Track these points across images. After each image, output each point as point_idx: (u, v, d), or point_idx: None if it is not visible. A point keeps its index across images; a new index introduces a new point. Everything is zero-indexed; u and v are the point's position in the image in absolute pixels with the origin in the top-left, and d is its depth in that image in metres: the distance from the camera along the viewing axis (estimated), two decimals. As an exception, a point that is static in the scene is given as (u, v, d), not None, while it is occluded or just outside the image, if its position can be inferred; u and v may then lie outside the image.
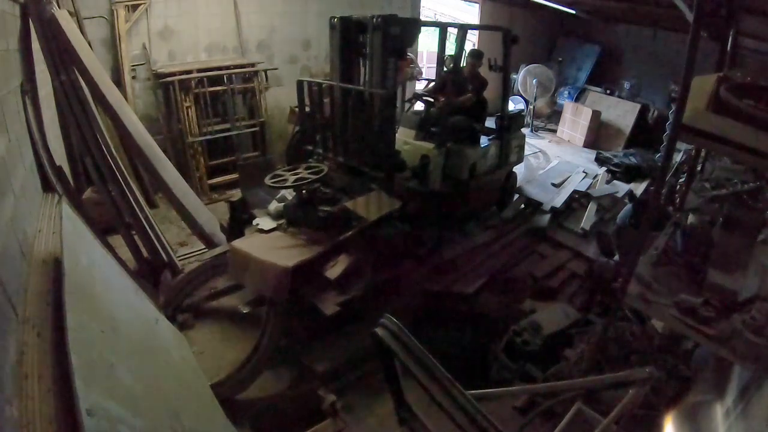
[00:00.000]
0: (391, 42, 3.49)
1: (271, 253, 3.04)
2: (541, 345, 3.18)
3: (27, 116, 2.58)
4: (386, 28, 3.45)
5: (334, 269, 3.09)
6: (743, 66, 4.68)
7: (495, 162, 4.87)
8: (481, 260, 4.39)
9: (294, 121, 6.09)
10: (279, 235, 3.31)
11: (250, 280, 3.08)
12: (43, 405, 1.26)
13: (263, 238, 3.30)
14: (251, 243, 3.22)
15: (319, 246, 3.15)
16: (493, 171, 4.90)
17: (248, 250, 3.09)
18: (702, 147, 3.53)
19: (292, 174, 3.37)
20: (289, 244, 3.20)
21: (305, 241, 3.20)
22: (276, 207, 3.52)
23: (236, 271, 3.17)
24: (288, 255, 3.01)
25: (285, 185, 3.30)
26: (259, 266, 2.98)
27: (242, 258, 3.08)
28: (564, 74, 9.85)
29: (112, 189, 3.63)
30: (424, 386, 1.74)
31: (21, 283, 1.66)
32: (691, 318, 2.29)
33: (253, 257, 3.02)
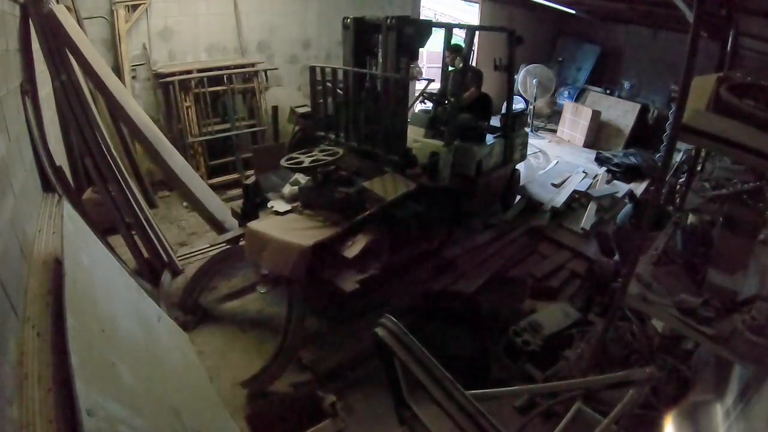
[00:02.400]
0: (405, 42, 3.62)
1: (288, 234, 3.10)
2: (541, 345, 3.18)
3: (27, 116, 2.58)
4: (400, 29, 3.58)
5: (351, 248, 3.14)
6: (743, 66, 4.68)
7: (500, 159, 4.98)
8: (481, 260, 4.40)
9: (294, 120, 6.09)
10: (294, 216, 3.38)
11: (268, 260, 3.11)
12: (43, 405, 1.26)
13: (279, 220, 3.35)
14: (267, 224, 3.27)
15: (336, 226, 3.20)
16: (498, 168, 5.01)
17: (265, 230, 3.13)
18: (702, 147, 3.53)
19: (308, 156, 3.47)
20: (305, 225, 3.26)
21: (321, 222, 3.27)
22: (290, 190, 3.59)
23: (253, 252, 3.20)
24: (305, 235, 3.08)
25: (301, 167, 3.40)
26: (277, 246, 3.03)
27: (259, 239, 3.12)
28: (564, 74, 9.86)
29: (112, 189, 3.63)
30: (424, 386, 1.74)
31: (21, 283, 1.66)
32: (691, 318, 2.29)
33: (270, 237, 3.07)
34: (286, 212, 3.42)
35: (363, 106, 3.88)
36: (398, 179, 3.72)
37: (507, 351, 3.30)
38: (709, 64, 3.65)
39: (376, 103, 3.81)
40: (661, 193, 3.00)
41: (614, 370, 2.63)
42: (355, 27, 3.85)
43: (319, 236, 3.06)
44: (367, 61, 4.07)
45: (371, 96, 3.85)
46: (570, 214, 5.45)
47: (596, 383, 2.32)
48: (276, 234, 3.09)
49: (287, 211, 3.42)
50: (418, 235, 3.68)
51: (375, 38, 3.97)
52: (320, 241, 3.02)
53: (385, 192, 3.52)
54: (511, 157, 5.19)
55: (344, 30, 3.95)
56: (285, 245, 2.99)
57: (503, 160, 5.04)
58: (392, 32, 3.63)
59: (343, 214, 3.28)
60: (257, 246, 3.13)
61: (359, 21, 3.87)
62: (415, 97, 5.64)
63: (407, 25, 3.61)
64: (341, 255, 3.11)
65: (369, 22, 3.89)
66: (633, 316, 3.24)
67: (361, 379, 3.09)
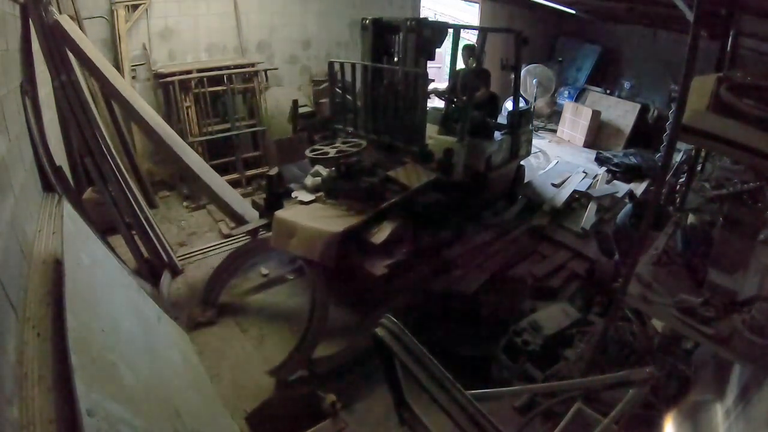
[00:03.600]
0: (423, 43, 3.82)
1: (316, 221, 3.25)
2: (541, 345, 3.18)
3: (27, 116, 2.58)
4: (419, 31, 3.80)
5: (378, 235, 3.29)
6: (743, 66, 4.68)
7: (507, 155, 5.16)
8: (481, 260, 4.39)
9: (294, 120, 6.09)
10: (318, 206, 3.54)
11: (297, 247, 3.24)
12: (43, 405, 1.26)
13: (305, 209, 3.52)
14: (295, 213, 3.43)
15: (361, 214, 3.36)
16: (506, 164, 5.19)
17: (293, 219, 3.29)
18: (702, 147, 3.53)
19: (332, 148, 3.70)
20: (331, 213, 3.42)
21: (345, 210, 3.42)
22: (313, 181, 3.77)
23: (281, 239, 3.33)
24: (334, 222, 3.23)
25: (327, 157, 3.60)
26: (307, 233, 3.18)
27: (287, 227, 3.27)
28: (564, 74, 9.85)
29: (112, 189, 3.63)
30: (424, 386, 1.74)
31: (21, 283, 1.66)
32: (691, 318, 2.29)
33: (299, 225, 3.22)
34: (310, 202, 3.58)
35: (383, 100, 4.12)
36: (419, 169, 3.91)
37: (507, 351, 3.30)
38: (709, 64, 3.64)
39: (396, 98, 4.03)
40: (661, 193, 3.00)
41: (614, 370, 2.63)
42: (373, 27, 4.10)
43: (347, 223, 3.21)
44: (384, 59, 4.27)
45: (391, 91, 4.07)
46: (570, 214, 5.44)
47: (596, 383, 2.32)
48: (304, 222, 3.25)
49: (311, 201, 3.58)
50: (436, 224, 3.88)
51: (391, 38, 4.22)
52: (349, 228, 3.17)
53: (409, 180, 3.72)
54: (517, 152, 5.37)
55: (362, 30, 4.19)
56: (314, 232, 3.14)
57: (510, 156, 5.21)
58: (412, 33, 3.85)
59: (367, 202, 3.44)
60: (286, 233, 3.27)
61: (377, 22, 4.12)
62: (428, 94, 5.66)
63: (425, 27, 3.82)
64: (368, 241, 3.26)
65: (386, 23, 4.15)
66: (633, 316, 3.24)
67: (361, 379, 3.09)
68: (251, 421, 2.69)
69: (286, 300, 3.83)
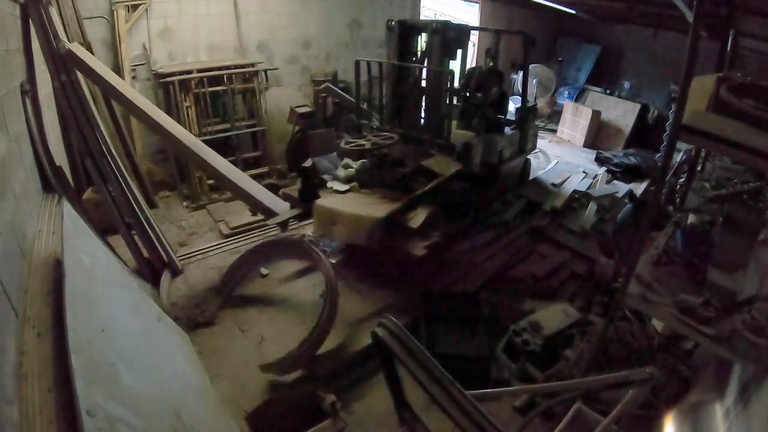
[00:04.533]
0: (447, 44, 4.15)
1: (358, 208, 3.54)
2: (541, 345, 3.18)
3: (27, 116, 2.58)
4: (444, 33, 4.12)
5: (415, 219, 3.58)
6: (743, 66, 4.68)
7: (516, 149, 5.45)
8: (481, 260, 4.40)
9: (294, 121, 6.09)
10: (354, 195, 3.85)
11: (341, 232, 3.51)
12: (43, 405, 1.26)
13: (343, 198, 3.81)
14: (335, 201, 3.71)
15: (397, 201, 3.64)
16: (515, 157, 5.49)
17: (335, 206, 3.57)
18: (702, 147, 3.53)
19: (366, 140, 4.03)
20: (368, 201, 3.70)
21: (380, 198, 3.73)
22: (346, 172, 4.09)
23: (323, 227, 3.60)
24: (374, 209, 3.51)
25: (363, 148, 3.93)
26: (350, 219, 3.44)
27: (330, 214, 3.53)
28: (564, 74, 9.84)
29: (112, 189, 3.63)
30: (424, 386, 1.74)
31: (21, 283, 1.66)
32: (691, 318, 2.29)
33: (341, 212, 3.50)
34: (345, 191, 3.88)
35: (409, 96, 4.46)
36: (447, 159, 4.21)
37: (507, 351, 3.30)
38: (709, 64, 3.64)
39: (422, 94, 4.40)
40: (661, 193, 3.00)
41: (614, 370, 2.63)
42: (399, 29, 4.42)
43: (388, 209, 3.49)
44: (407, 58, 4.57)
45: (417, 88, 4.44)
46: (570, 214, 5.44)
47: (596, 383, 2.32)
48: (346, 209, 3.52)
49: (346, 191, 3.89)
50: (461, 210, 4.25)
51: (415, 39, 4.56)
52: (390, 213, 3.46)
53: (441, 169, 4.02)
54: (525, 147, 5.68)
55: (388, 31, 4.52)
56: (358, 218, 3.41)
57: (518, 150, 5.52)
58: (437, 35, 4.15)
59: (401, 190, 3.76)
60: (328, 221, 3.54)
61: (403, 23, 4.48)
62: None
63: (449, 30, 4.16)
64: (406, 225, 3.54)
65: (411, 25, 4.53)
66: (633, 316, 3.24)
67: (361, 379, 3.08)
68: (251, 421, 2.69)
69: (287, 300, 3.83)
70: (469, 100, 4.99)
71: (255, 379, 3.03)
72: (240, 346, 3.30)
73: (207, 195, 5.54)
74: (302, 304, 3.79)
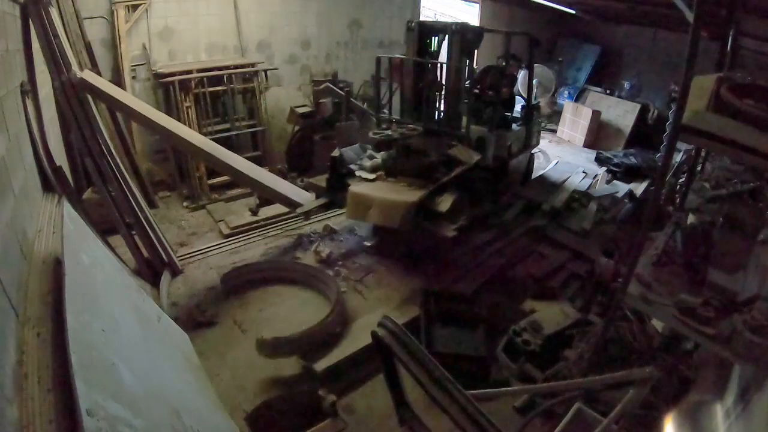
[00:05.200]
0: (465, 44, 4.48)
1: (390, 194, 3.88)
2: (541, 345, 3.18)
3: (27, 116, 2.58)
4: (463, 34, 4.47)
5: (443, 204, 3.87)
6: (743, 66, 4.68)
7: (522, 145, 5.70)
8: (481, 260, 4.39)
9: (294, 121, 6.09)
10: (382, 183, 4.16)
11: (375, 216, 3.84)
12: (43, 405, 1.26)
13: (373, 185, 4.11)
14: (366, 188, 4.04)
15: (424, 188, 3.94)
16: (521, 152, 5.72)
17: (369, 192, 3.91)
18: (702, 147, 3.52)
19: (393, 131, 4.42)
20: (397, 188, 4.03)
21: (407, 185, 4.05)
22: (372, 162, 4.39)
23: (357, 211, 3.94)
24: (405, 194, 3.87)
25: (391, 138, 4.31)
26: (384, 204, 3.78)
27: (363, 200, 3.88)
28: (564, 74, 9.84)
29: (112, 189, 3.63)
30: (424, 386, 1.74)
31: (21, 283, 1.66)
32: (691, 318, 2.29)
33: (375, 198, 3.84)
34: (373, 180, 4.17)
35: (429, 92, 4.78)
36: (469, 150, 4.51)
37: (507, 351, 3.30)
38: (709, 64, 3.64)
39: (441, 90, 4.74)
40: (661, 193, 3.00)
41: (614, 370, 2.63)
42: (418, 30, 4.74)
43: (418, 194, 3.82)
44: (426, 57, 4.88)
45: (436, 84, 4.76)
46: (570, 214, 5.44)
47: (596, 383, 2.32)
48: (380, 195, 3.86)
49: (374, 179, 4.17)
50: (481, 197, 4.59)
51: (432, 39, 4.88)
52: (421, 198, 3.78)
53: (464, 158, 4.33)
54: (530, 142, 5.96)
55: (408, 32, 4.81)
56: (392, 203, 3.75)
57: (524, 145, 5.79)
58: (456, 36, 4.49)
59: (425, 178, 4.07)
60: (362, 206, 3.87)
61: (422, 24, 4.86)
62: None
63: (468, 31, 4.51)
64: (435, 210, 3.85)
65: (430, 26, 4.92)
66: (633, 316, 3.24)
67: (361, 379, 3.08)
68: (251, 421, 2.69)
69: (287, 301, 3.83)
70: (480, 98, 5.20)
71: (255, 379, 3.03)
72: (240, 346, 3.30)
73: (207, 195, 5.54)
74: (303, 304, 3.79)
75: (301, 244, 4.62)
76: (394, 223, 3.71)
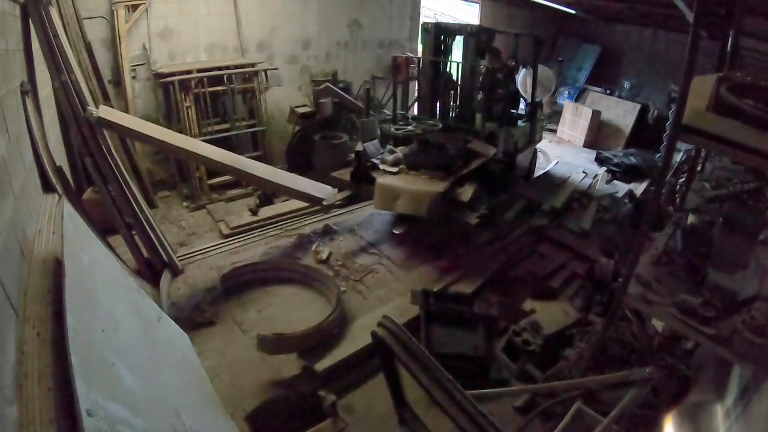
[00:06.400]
0: (480, 45, 4.82)
1: (416, 185, 4.20)
2: (541, 345, 3.18)
3: (27, 116, 2.58)
4: (478, 35, 4.81)
5: (464, 194, 4.19)
6: (743, 66, 4.68)
7: (527, 140, 5.88)
8: (481, 260, 4.39)
9: (294, 121, 6.09)
10: (404, 175, 4.46)
11: (403, 206, 4.15)
12: (43, 405, 1.26)
13: (397, 177, 4.42)
14: (393, 180, 4.35)
15: (446, 179, 4.26)
16: (526, 147, 5.93)
17: (396, 184, 4.24)
18: (702, 147, 3.53)
19: (414, 127, 4.75)
20: (421, 179, 4.33)
21: (429, 177, 4.35)
22: (393, 156, 4.70)
23: (385, 202, 4.26)
24: (431, 185, 4.20)
25: (413, 133, 4.64)
26: (411, 194, 4.10)
27: (391, 191, 4.21)
28: (564, 74, 9.84)
29: (112, 189, 3.63)
30: (424, 386, 1.74)
31: (21, 283, 1.66)
32: (691, 318, 2.29)
33: (403, 188, 4.17)
34: (396, 172, 4.47)
35: (444, 89, 5.09)
36: (485, 144, 4.79)
37: (507, 351, 3.30)
38: (709, 64, 3.64)
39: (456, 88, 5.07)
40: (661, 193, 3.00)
41: (614, 370, 2.63)
42: (435, 31, 5.01)
43: (443, 185, 4.15)
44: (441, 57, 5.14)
45: (451, 82, 5.09)
46: (570, 214, 5.45)
47: (596, 383, 2.32)
48: (407, 186, 4.17)
49: (397, 172, 4.47)
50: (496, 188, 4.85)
51: (447, 40, 5.11)
52: (446, 188, 4.10)
53: (483, 151, 4.65)
54: (534, 138, 6.17)
55: (424, 32, 5.12)
56: (419, 193, 4.07)
57: (529, 140, 6.00)
58: (471, 37, 4.83)
59: (444, 170, 4.37)
60: (390, 197, 4.20)
61: (438, 26, 5.15)
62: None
63: (482, 33, 4.87)
64: (457, 199, 4.18)
65: (445, 27, 5.19)
66: (633, 316, 3.23)
67: (361, 379, 3.08)
68: (251, 421, 2.69)
69: (287, 300, 3.84)
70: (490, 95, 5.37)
71: (255, 379, 3.03)
72: (240, 346, 3.30)
73: (207, 195, 5.54)
74: (303, 304, 3.79)
75: (301, 244, 4.62)
76: (422, 212, 4.04)
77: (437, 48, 5.07)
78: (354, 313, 3.63)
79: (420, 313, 3.44)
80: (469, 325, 3.40)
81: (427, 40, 5.08)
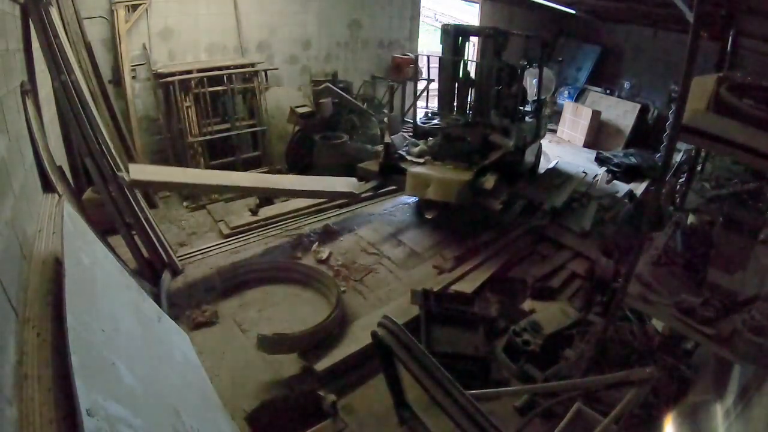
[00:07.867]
0: (496, 46, 5.03)
1: (445, 174, 4.55)
2: (541, 345, 3.18)
3: (27, 116, 2.58)
4: (495, 37, 5.03)
5: (488, 182, 4.49)
6: (743, 66, 4.68)
7: (533, 135, 6.10)
8: (481, 260, 4.39)
9: (294, 121, 6.09)
10: (431, 165, 4.79)
11: (433, 192, 4.46)
12: (43, 405, 1.26)
13: (425, 167, 4.74)
14: (422, 169, 4.68)
15: (470, 169, 4.57)
16: (533, 141, 6.11)
17: (426, 172, 4.59)
18: (702, 147, 3.53)
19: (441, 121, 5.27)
20: (448, 169, 4.66)
21: (454, 167, 4.69)
22: (419, 148, 5.05)
23: (417, 189, 4.62)
24: (458, 174, 4.53)
25: (439, 127, 5.15)
26: (441, 182, 4.44)
27: (422, 179, 4.54)
28: (564, 74, 9.84)
29: (112, 189, 3.63)
30: (424, 386, 1.74)
31: (21, 283, 1.66)
32: (691, 318, 2.29)
33: (433, 177, 4.51)
34: (423, 163, 4.80)
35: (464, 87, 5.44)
36: (503, 137, 5.02)
37: (507, 351, 3.30)
38: (709, 64, 3.65)
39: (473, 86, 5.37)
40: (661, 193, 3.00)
41: (614, 370, 2.63)
42: (453, 32, 5.27)
43: (469, 174, 4.47)
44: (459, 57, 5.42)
45: (470, 81, 5.42)
46: (570, 214, 5.44)
47: (596, 383, 2.32)
48: (436, 174, 4.52)
49: (423, 163, 4.80)
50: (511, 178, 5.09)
51: (464, 41, 5.42)
52: (473, 176, 4.44)
53: (504, 143, 4.93)
54: (539, 133, 6.40)
55: (444, 34, 5.33)
56: (448, 181, 4.44)
57: (535, 135, 6.21)
58: (489, 39, 5.09)
59: (466, 161, 4.71)
60: (421, 185, 4.54)
61: (457, 27, 5.43)
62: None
63: (499, 35, 5.06)
64: (481, 187, 4.47)
65: (464, 29, 5.52)
66: (633, 316, 3.24)
67: (361, 379, 3.08)
68: (251, 421, 2.69)
69: (287, 300, 3.84)
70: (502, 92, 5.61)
71: (255, 379, 3.03)
72: (240, 346, 3.30)
73: (207, 195, 5.54)
74: (303, 304, 3.79)
75: (301, 244, 4.62)
76: (450, 198, 4.38)
77: (455, 48, 5.34)
78: (354, 313, 3.63)
79: (420, 313, 3.44)
80: (469, 325, 3.40)
81: (447, 41, 5.34)
